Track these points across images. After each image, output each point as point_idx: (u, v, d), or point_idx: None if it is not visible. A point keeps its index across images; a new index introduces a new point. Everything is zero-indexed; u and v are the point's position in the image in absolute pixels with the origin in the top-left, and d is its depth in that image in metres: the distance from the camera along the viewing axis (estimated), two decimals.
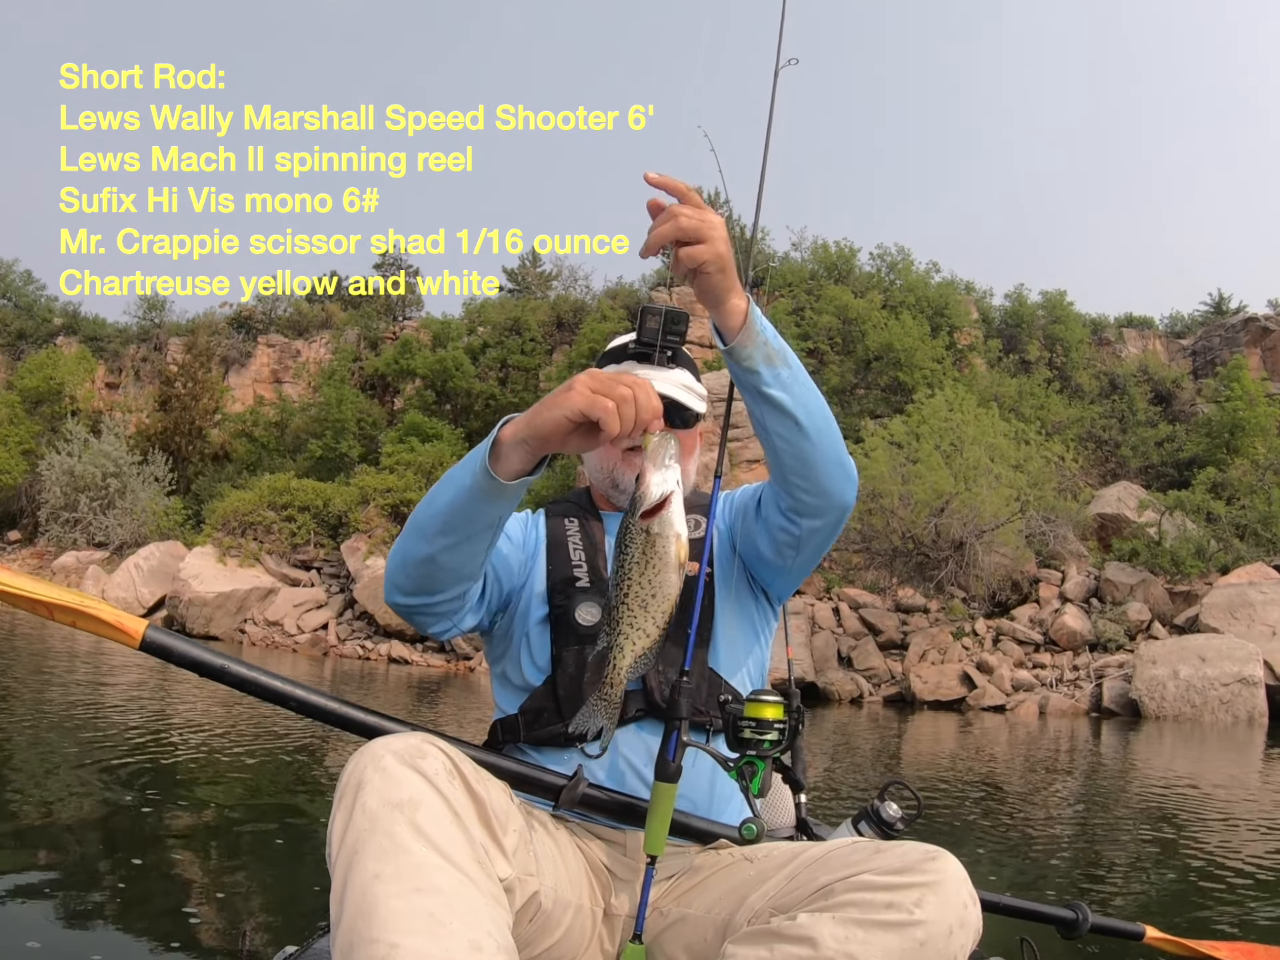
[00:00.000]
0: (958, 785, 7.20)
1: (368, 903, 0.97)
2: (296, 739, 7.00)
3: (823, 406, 1.38)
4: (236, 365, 32.07)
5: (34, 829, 4.15)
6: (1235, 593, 14.99)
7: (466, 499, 1.27)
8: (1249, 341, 26.30)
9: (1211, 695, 12.99)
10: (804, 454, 1.37)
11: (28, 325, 33.82)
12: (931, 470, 14.74)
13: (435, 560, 1.32)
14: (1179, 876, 4.59)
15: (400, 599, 1.39)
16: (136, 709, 8.36)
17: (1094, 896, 4.04)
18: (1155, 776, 8.48)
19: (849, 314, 23.35)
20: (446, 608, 1.39)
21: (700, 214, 1.19)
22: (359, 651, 17.47)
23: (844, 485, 1.42)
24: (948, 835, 5.17)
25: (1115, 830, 5.76)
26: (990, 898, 1.52)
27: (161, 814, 4.62)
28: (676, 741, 1.25)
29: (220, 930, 3.06)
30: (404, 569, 1.36)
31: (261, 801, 5.16)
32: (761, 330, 1.29)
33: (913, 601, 16.94)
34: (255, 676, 1.26)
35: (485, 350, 27.73)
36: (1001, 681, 14.54)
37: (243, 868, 3.90)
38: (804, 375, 1.36)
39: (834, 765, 8.04)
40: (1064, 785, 7.92)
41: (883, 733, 11.44)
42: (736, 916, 1.18)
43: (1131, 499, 19.54)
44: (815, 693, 14.68)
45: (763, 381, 1.30)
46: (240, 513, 20.36)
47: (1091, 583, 17.13)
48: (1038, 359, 24.94)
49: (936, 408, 16.04)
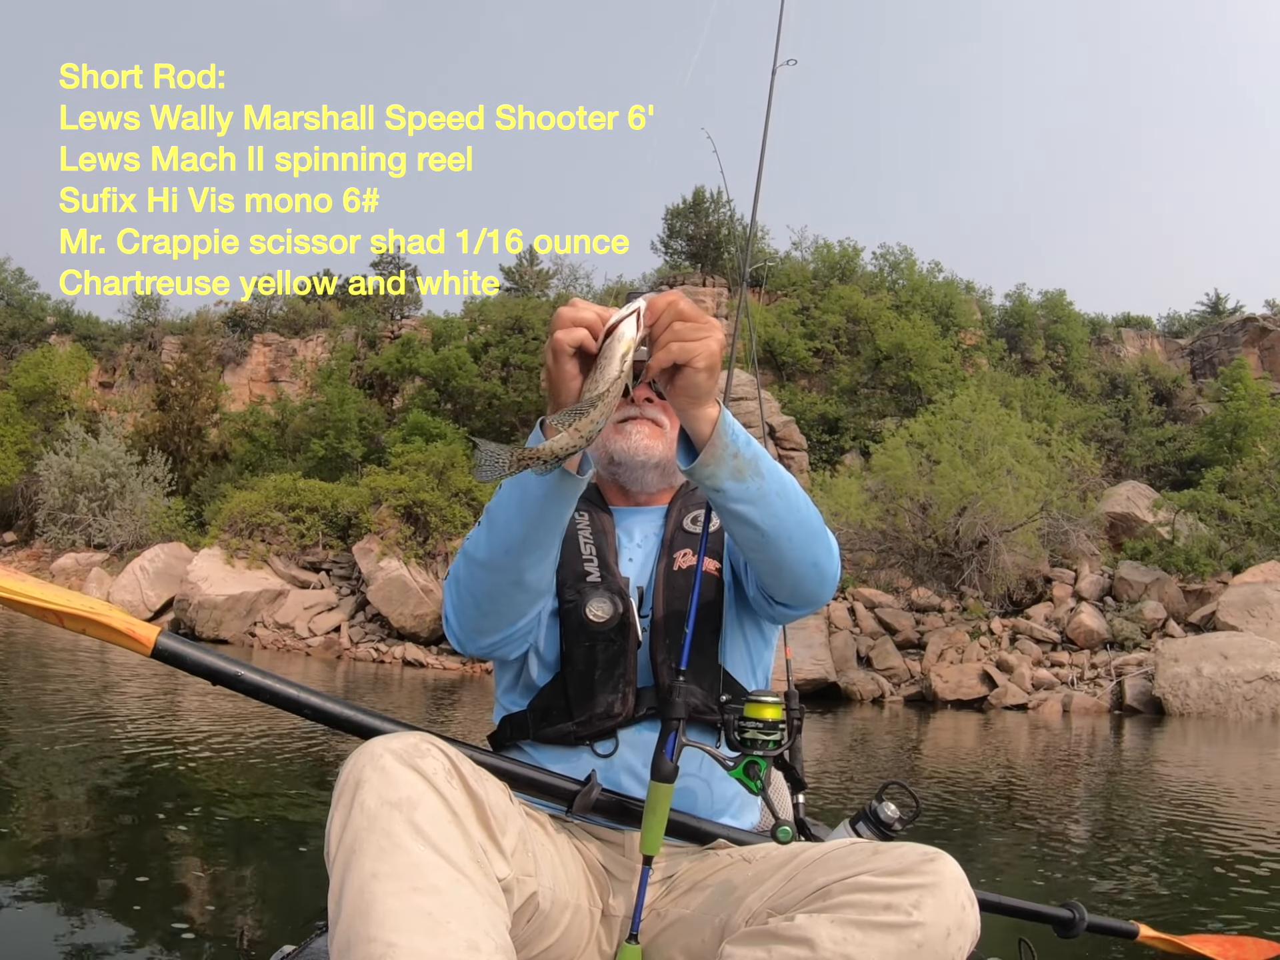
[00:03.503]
0: (976, 784, 7.20)
1: (365, 901, 0.96)
2: (296, 739, 6.96)
3: (797, 510, 1.29)
4: (232, 364, 31.80)
5: (33, 828, 4.15)
6: (1251, 591, 15.15)
7: (541, 506, 1.24)
8: (1247, 341, 26.59)
9: (1235, 692, 13.10)
10: (772, 560, 1.32)
11: (20, 324, 33.43)
12: (955, 470, 14.78)
13: (523, 583, 1.30)
14: (1189, 874, 4.60)
15: (483, 641, 1.37)
16: (136, 706, 8.31)
17: (1100, 896, 4.02)
18: (1176, 774, 8.50)
19: (858, 314, 23.41)
20: (527, 627, 1.38)
21: (700, 312, 1.16)
22: (373, 654, 17.30)
23: (816, 588, 1.37)
24: (959, 834, 5.18)
25: (1130, 828, 5.75)
26: (988, 898, 1.53)
27: (159, 813, 4.62)
28: (675, 742, 1.25)
29: (218, 930, 3.05)
30: (479, 608, 1.33)
31: (260, 801, 5.13)
32: (732, 441, 1.21)
33: (928, 601, 17.00)
34: (269, 684, 1.24)
35: (487, 349, 27.59)
36: (1022, 680, 14.60)
37: (241, 867, 3.89)
38: (777, 480, 1.27)
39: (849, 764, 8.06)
40: (1084, 783, 7.92)
41: (905, 732, 11.46)
42: (734, 917, 1.18)
43: (1141, 498, 19.70)
44: (836, 693, 14.69)
45: (728, 499, 1.23)
46: (247, 513, 20.12)
47: (1105, 581, 17.24)
48: (1042, 359, 25.10)
49: (960, 408, 16.09)
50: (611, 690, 1.39)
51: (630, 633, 1.41)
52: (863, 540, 16.31)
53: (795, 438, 20.40)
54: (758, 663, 1.52)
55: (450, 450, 20.56)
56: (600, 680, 1.39)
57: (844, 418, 23.61)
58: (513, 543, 1.27)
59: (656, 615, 1.43)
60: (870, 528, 15.76)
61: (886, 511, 15.19)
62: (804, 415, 22.79)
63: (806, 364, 25.12)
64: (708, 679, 1.42)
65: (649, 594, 1.46)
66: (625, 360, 1.12)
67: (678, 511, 1.57)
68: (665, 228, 32.80)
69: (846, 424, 23.59)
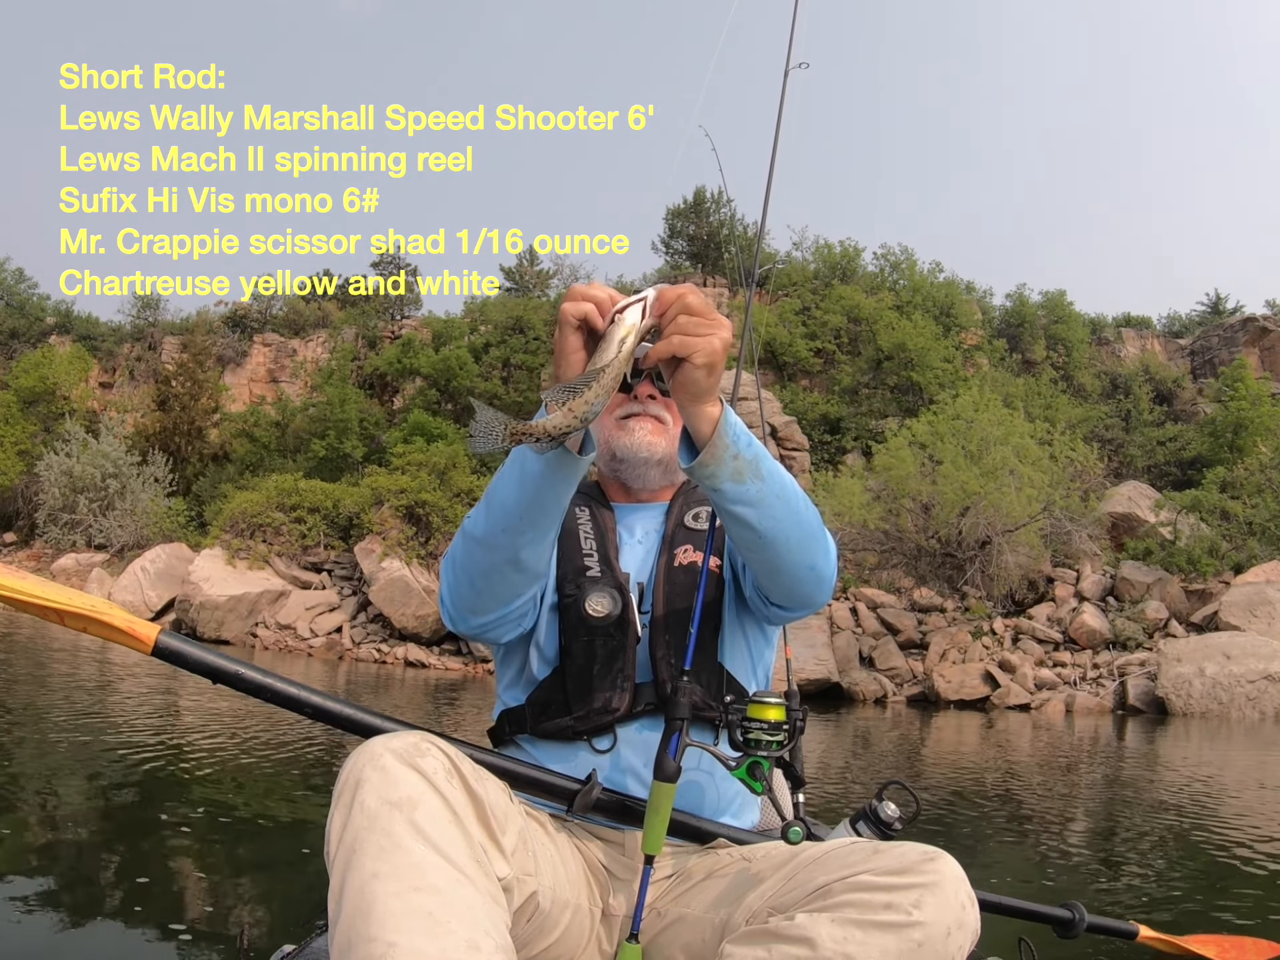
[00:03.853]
0: (977, 784, 7.20)
1: (365, 901, 0.96)
2: (296, 738, 6.95)
3: (796, 513, 1.28)
4: (232, 364, 31.78)
5: (33, 827, 4.15)
6: (1254, 591, 15.16)
7: (539, 485, 1.24)
8: (1248, 341, 26.61)
9: (1238, 692, 13.12)
10: (769, 562, 1.31)
11: (20, 324, 33.40)
12: (959, 470, 14.78)
13: (518, 562, 1.29)
14: (1190, 874, 4.60)
15: (475, 621, 1.36)
16: (136, 706, 8.31)
17: (1100, 896, 4.03)
18: (1178, 774, 8.48)
19: (860, 314, 23.42)
20: (523, 609, 1.37)
21: (709, 305, 1.15)
22: (375, 655, 17.27)
23: (812, 590, 1.36)
24: (960, 834, 5.16)
25: (1131, 828, 5.75)
26: (988, 898, 1.53)
27: (159, 813, 4.62)
28: (678, 741, 1.25)
29: (218, 929, 3.05)
30: (473, 586, 1.32)
31: (260, 801, 5.13)
32: (733, 442, 1.20)
33: (929, 601, 17.00)
34: (269, 682, 1.25)
35: (488, 349, 27.59)
36: (1025, 680, 14.60)
37: (241, 867, 3.89)
38: (778, 483, 1.26)
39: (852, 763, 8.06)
40: (1085, 783, 7.90)
41: (907, 732, 11.46)
42: (735, 916, 1.18)
43: (1142, 498, 19.72)
44: (839, 693, 14.69)
45: (727, 499, 1.23)
46: (248, 514, 20.09)
47: (1107, 581, 17.25)
48: (1043, 359, 25.12)
49: (963, 408, 16.10)
50: (610, 686, 1.39)
51: (630, 628, 1.41)
52: (866, 540, 16.31)
53: (797, 438, 20.40)
54: (758, 661, 1.52)
55: (452, 450, 20.55)
56: (599, 675, 1.39)
57: (845, 418, 23.62)
58: (510, 521, 1.26)
59: (656, 611, 1.43)
60: (874, 528, 15.76)
61: (889, 512, 15.17)
62: (806, 415, 22.80)
63: (807, 364, 25.12)
64: (707, 677, 1.41)
65: (649, 590, 1.46)
66: (624, 344, 1.12)
67: (679, 508, 1.57)
68: (666, 228, 32.84)
69: (848, 424, 23.60)
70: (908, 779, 7.23)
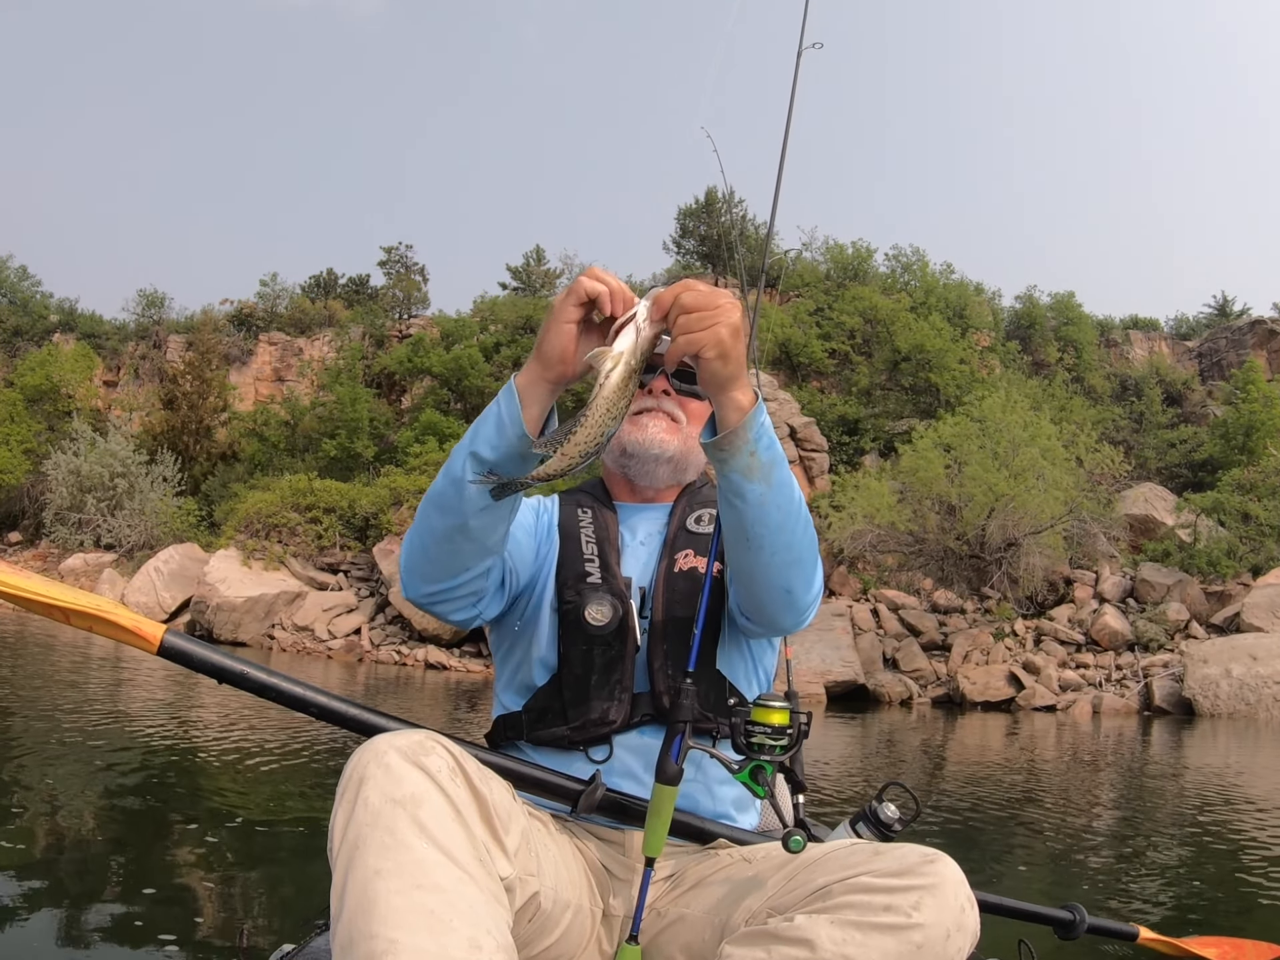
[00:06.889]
0: (986, 785, 7.17)
1: (368, 898, 0.96)
2: (299, 738, 6.94)
3: (790, 532, 1.25)
4: (238, 363, 31.63)
5: (34, 826, 4.16)
6: (1276, 593, 15.26)
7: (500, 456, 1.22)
8: (1256, 343, 26.73)
9: (1265, 693, 13.17)
10: (745, 568, 1.29)
11: (24, 322, 33.18)
12: (986, 471, 14.79)
13: (466, 529, 1.26)
14: (1190, 875, 4.60)
15: (424, 588, 1.33)
16: (140, 707, 8.30)
17: (1101, 897, 4.02)
18: (1198, 775, 8.47)
19: (875, 314, 23.43)
20: (472, 587, 1.34)
21: (709, 294, 1.13)
22: (394, 657, 17.19)
23: (780, 612, 1.32)
24: (961, 834, 5.16)
25: (1142, 829, 5.75)
26: (989, 899, 1.53)
27: (160, 813, 4.64)
28: (680, 744, 1.24)
29: (218, 928, 3.05)
30: (425, 552, 1.30)
31: (261, 800, 5.13)
32: (754, 439, 1.18)
33: (949, 602, 17.02)
34: (275, 682, 1.24)
35: (498, 349, 27.52)
36: (1050, 682, 14.63)
37: (241, 865, 3.89)
38: (784, 496, 1.23)
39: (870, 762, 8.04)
40: (1100, 784, 7.88)
41: (932, 734, 11.47)
42: (734, 917, 1.18)
43: (1159, 500, 19.79)
44: (865, 695, 14.69)
45: (729, 486, 1.22)
46: (263, 514, 19.99)
47: (1127, 583, 17.30)
48: (1056, 361, 25.18)
49: (990, 409, 16.12)
50: (607, 697, 1.38)
51: (629, 636, 1.39)
52: (893, 542, 16.31)
53: (816, 439, 20.40)
54: (758, 665, 1.49)
55: None
56: (596, 685, 1.38)
57: (863, 419, 23.63)
58: (462, 484, 1.25)
59: (656, 618, 1.41)
60: (902, 529, 15.76)
61: (915, 513, 15.18)
62: (824, 416, 22.79)
63: (821, 365, 25.13)
64: (705, 685, 1.39)
65: (650, 595, 1.44)
66: (610, 375, 1.13)
67: (682, 510, 1.54)
68: (678, 227, 32.83)
69: (865, 425, 23.62)
70: (925, 779, 7.25)
